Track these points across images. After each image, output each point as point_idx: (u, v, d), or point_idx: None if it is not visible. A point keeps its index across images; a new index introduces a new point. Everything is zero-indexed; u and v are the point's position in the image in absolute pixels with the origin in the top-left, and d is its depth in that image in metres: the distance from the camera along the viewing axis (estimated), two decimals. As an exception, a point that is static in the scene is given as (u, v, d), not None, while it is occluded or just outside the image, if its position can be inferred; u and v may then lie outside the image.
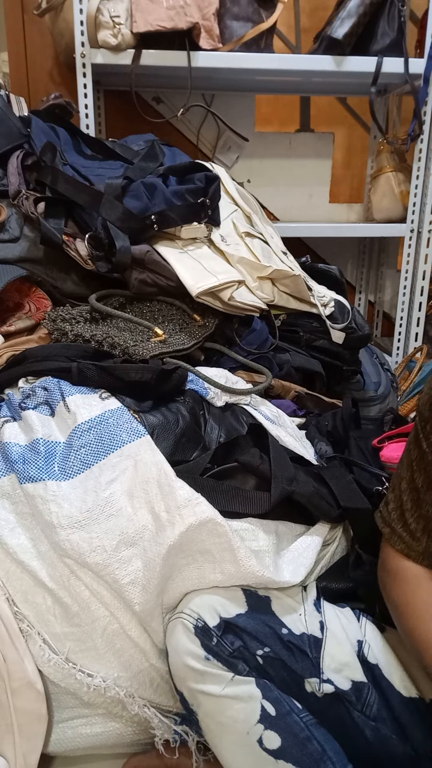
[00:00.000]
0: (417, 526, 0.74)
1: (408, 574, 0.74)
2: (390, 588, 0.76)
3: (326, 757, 0.69)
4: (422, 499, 0.73)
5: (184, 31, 1.58)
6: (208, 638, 0.72)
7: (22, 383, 0.97)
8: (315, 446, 1.06)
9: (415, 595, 0.73)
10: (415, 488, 0.74)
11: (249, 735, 0.69)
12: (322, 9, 2.04)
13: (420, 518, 0.73)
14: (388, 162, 1.95)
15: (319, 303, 1.26)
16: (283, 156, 2.15)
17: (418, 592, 0.73)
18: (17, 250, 1.15)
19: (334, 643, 0.76)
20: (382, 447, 1.10)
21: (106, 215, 1.15)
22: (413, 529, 0.74)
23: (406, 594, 0.74)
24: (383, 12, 1.69)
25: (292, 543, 0.85)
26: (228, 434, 0.95)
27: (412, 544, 0.74)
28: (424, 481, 0.72)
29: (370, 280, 2.37)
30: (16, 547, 0.79)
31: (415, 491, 0.74)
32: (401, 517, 0.75)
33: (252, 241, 1.27)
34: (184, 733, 0.80)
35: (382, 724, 0.73)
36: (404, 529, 0.75)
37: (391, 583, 0.76)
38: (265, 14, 1.67)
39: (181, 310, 1.16)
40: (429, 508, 0.72)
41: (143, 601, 0.77)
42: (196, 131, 2.09)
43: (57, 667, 0.78)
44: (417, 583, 0.73)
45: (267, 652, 0.73)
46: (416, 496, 0.73)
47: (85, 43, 1.60)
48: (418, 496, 0.73)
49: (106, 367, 0.92)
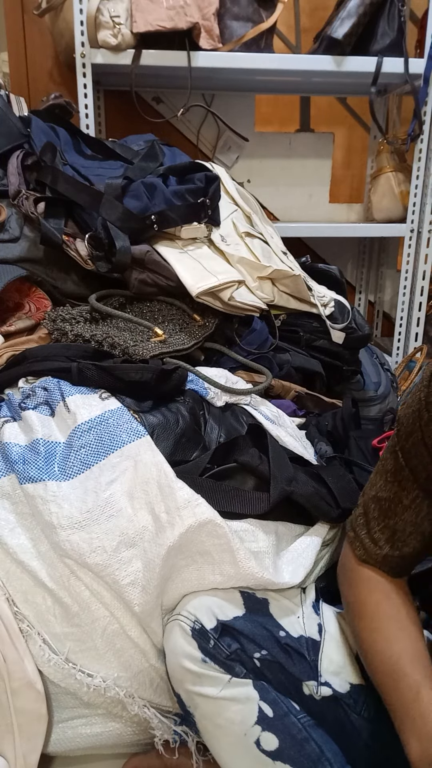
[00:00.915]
0: (381, 535, 0.72)
1: (364, 576, 0.74)
2: (346, 587, 0.76)
3: (324, 758, 0.69)
4: (391, 509, 0.71)
5: (184, 31, 1.58)
6: (205, 640, 0.72)
7: (22, 383, 0.97)
8: (315, 446, 1.06)
9: (369, 596, 0.72)
10: (384, 498, 0.72)
11: (246, 736, 0.69)
12: (322, 9, 2.04)
13: (386, 528, 0.72)
14: (388, 162, 1.95)
15: (319, 303, 1.26)
16: (283, 156, 2.15)
17: (371, 595, 0.72)
18: (17, 250, 1.15)
19: (332, 645, 0.76)
20: (382, 447, 1.10)
21: (106, 215, 1.15)
22: (376, 537, 0.73)
23: (360, 594, 0.73)
24: (383, 12, 1.69)
25: (292, 543, 0.85)
26: (228, 434, 0.95)
27: (372, 550, 0.73)
28: (396, 493, 0.71)
29: (370, 280, 2.37)
30: (16, 547, 0.79)
31: (384, 501, 0.72)
32: (366, 524, 0.74)
33: (252, 241, 1.27)
34: (183, 734, 0.80)
35: (380, 726, 0.73)
36: (367, 536, 0.74)
37: (348, 583, 0.76)
38: (265, 14, 1.67)
39: (181, 310, 1.16)
40: (398, 520, 0.71)
41: (143, 602, 0.77)
42: (196, 131, 2.09)
43: (57, 667, 0.78)
44: (371, 587, 0.73)
45: (264, 655, 0.73)
46: (385, 506, 0.72)
47: (85, 43, 1.60)
48: (387, 506, 0.72)
49: (106, 367, 0.92)
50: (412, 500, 0.70)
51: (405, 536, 0.71)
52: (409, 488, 0.70)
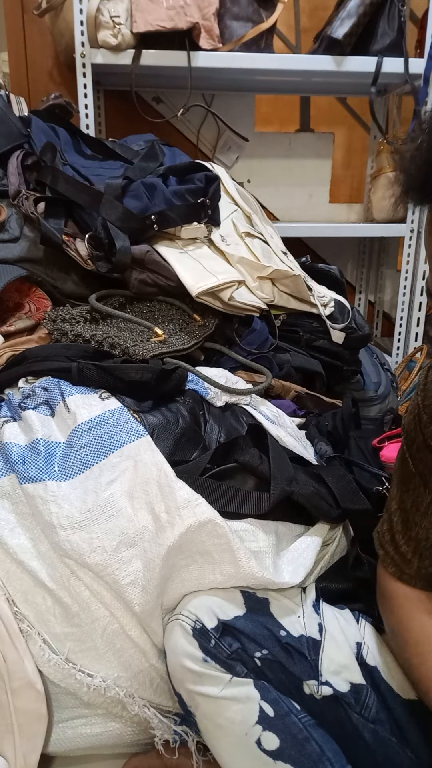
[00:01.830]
0: (407, 548, 0.72)
1: (401, 596, 0.72)
2: (387, 613, 0.75)
3: (325, 757, 0.69)
4: (411, 520, 0.71)
5: (184, 31, 1.58)
6: (206, 640, 0.72)
7: (22, 383, 0.97)
8: (315, 446, 1.06)
9: (411, 620, 0.71)
10: (404, 509, 0.72)
11: (247, 736, 0.69)
12: (322, 9, 2.04)
13: (410, 540, 0.71)
14: (388, 162, 1.95)
15: (319, 303, 1.26)
16: (283, 156, 2.15)
17: (414, 617, 0.71)
18: (17, 250, 1.15)
19: (333, 645, 0.76)
20: (382, 447, 1.10)
21: (106, 215, 1.15)
22: (404, 551, 0.72)
23: (403, 619, 0.72)
24: (383, 12, 1.69)
25: (292, 543, 0.85)
26: (228, 434, 0.95)
27: (403, 566, 0.72)
28: (413, 502, 0.71)
29: (370, 280, 2.37)
30: (16, 547, 0.79)
31: (404, 512, 0.72)
32: (393, 539, 0.74)
33: (252, 241, 1.27)
34: (183, 734, 0.80)
35: (381, 726, 0.73)
36: (396, 551, 0.73)
37: (388, 607, 0.74)
38: (265, 14, 1.67)
39: (181, 310, 1.16)
40: (419, 529, 0.70)
41: (143, 602, 0.77)
42: (196, 131, 2.09)
43: (57, 667, 0.78)
44: (412, 607, 0.71)
45: (265, 654, 0.73)
46: (405, 517, 0.72)
47: (85, 43, 1.60)
48: (407, 517, 0.71)
49: (106, 367, 0.92)
50: (427, 506, 0.70)
51: (430, 545, 0.70)
52: (423, 494, 0.70)
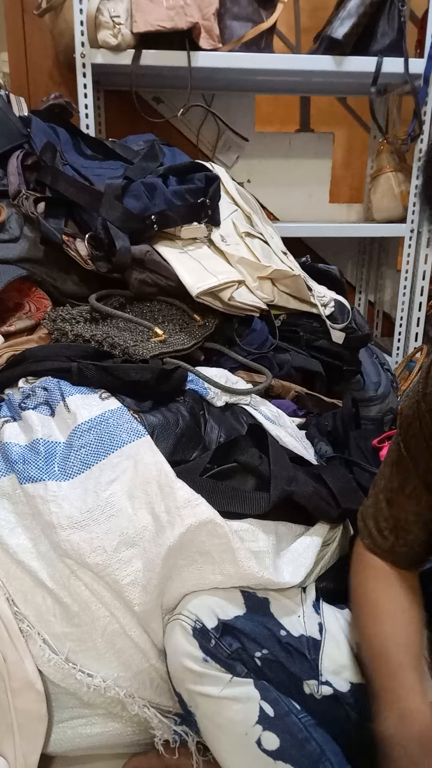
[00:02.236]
0: (386, 524, 0.74)
1: (369, 564, 0.75)
2: (352, 575, 0.77)
3: (325, 757, 0.68)
4: (395, 500, 0.73)
5: (184, 31, 1.58)
6: (206, 640, 0.72)
7: (22, 383, 0.97)
8: (315, 446, 1.06)
9: (371, 583, 0.73)
10: (390, 489, 0.74)
11: (248, 736, 0.69)
12: (322, 9, 2.03)
13: (390, 518, 0.73)
14: (388, 162, 1.95)
15: (319, 303, 1.26)
16: (283, 156, 2.15)
17: (374, 583, 0.73)
18: (17, 250, 1.15)
19: (333, 645, 0.76)
20: (382, 447, 1.10)
21: (106, 215, 1.15)
22: (382, 527, 0.74)
23: (364, 581, 0.74)
24: (383, 12, 1.68)
25: (292, 543, 0.85)
26: (228, 434, 0.95)
27: (379, 540, 0.74)
28: (400, 483, 0.72)
29: (370, 280, 2.37)
30: (16, 547, 0.79)
31: (390, 491, 0.74)
32: (374, 515, 0.75)
33: (252, 241, 1.27)
34: (183, 734, 0.80)
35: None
36: (375, 527, 0.75)
37: (354, 571, 0.77)
38: (265, 14, 1.67)
39: (181, 310, 1.16)
40: (401, 511, 0.72)
41: (143, 602, 0.77)
42: (196, 131, 2.09)
43: (57, 667, 0.78)
44: (376, 575, 0.74)
45: (265, 654, 0.73)
46: (390, 497, 0.73)
47: (85, 43, 1.60)
48: (392, 497, 0.73)
49: (106, 367, 0.92)
50: (412, 489, 0.71)
51: (408, 525, 0.72)
52: (411, 477, 0.71)
